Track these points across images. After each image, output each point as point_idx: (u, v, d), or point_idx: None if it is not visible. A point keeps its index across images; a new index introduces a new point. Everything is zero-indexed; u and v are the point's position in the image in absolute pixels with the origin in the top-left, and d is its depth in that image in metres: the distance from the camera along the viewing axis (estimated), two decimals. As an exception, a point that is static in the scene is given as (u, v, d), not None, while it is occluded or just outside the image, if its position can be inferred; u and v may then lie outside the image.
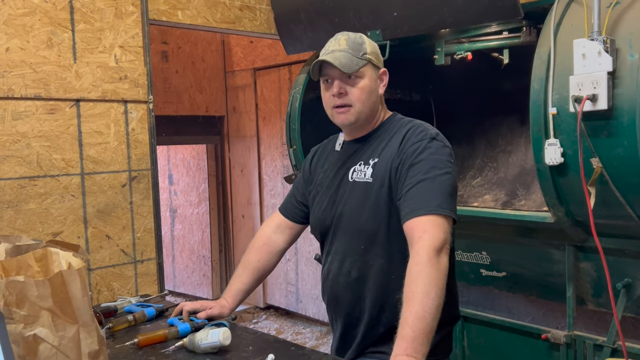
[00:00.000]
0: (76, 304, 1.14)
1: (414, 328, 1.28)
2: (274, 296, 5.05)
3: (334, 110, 1.59)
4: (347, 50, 1.55)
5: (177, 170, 5.74)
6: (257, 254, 1.85)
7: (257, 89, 5.03)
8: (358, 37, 1.59)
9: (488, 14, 2.25)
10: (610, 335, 2.13)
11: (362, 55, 1.56)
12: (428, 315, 1.29)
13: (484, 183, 2.98)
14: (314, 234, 1.75)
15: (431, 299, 1.30)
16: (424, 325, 1.28)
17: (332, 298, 1.66)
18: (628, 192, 1.85)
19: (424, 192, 1.43)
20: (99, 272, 2.69)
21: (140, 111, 2.81)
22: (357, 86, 1.55)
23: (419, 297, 1.31)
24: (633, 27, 1.80)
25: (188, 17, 3.01)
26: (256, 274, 1.84)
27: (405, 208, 1.44)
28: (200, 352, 1.55)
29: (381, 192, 1.53)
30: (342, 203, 1.61)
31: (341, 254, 1.61)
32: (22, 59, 2.44)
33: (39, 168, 2.50)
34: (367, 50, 1.57)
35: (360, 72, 1.55)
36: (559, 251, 2.27)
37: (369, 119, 1.62)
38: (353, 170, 1.61)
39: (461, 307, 2.69)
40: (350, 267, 1.59)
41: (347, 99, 1.56)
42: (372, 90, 1.58)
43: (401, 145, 1.53)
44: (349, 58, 1.54)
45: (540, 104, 1.99)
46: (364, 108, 1.57)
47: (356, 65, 1.54)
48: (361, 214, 1.56)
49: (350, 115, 1.57)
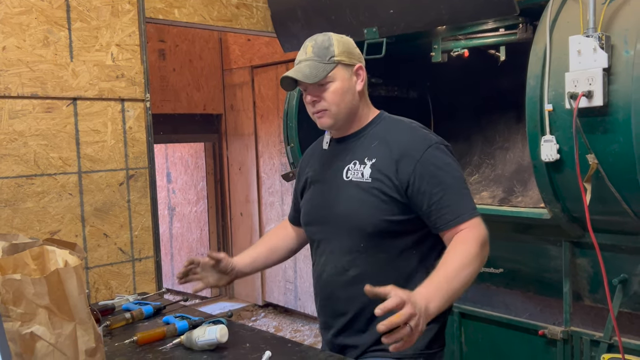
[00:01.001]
0: (73, 301, 1.15)
1: (441, 281, 1.36)
2: (273, 294, 5.06)
3: (315, 116, 1.63)
4: (313, 58, 1.56)
5: (175, 169, 5.74)
6: (274, 233, 1.94)
7: (255, 87, 5.03)
8: (325, 41, 1.58)
9: (484, 11, 2.25)
10: (607, 330, 2.13)
11: (330, 59, 1.55)
12: (457, 283, 1.37)
13: (481, 180, 2.98)
14: (306, 231, 1.75)
15: (466, 272, 1.39)
16: (450, 286, 1.36)
17: (326, 297, 1.66)
18: (624, 188, 1.85)
19: (456, 199, 1.50)
20: (97, 270, 2.70)
21: (137, 109, 2.81)
22: (329, 90, 1.56)
23: (454, 263, 1.39)
24: (628, 23, 1.81)
25: (184, 15, 3.01)
26: (269, 244, 1.90)
27: (443, 217, 1.49)
28: (198, 349, 1.55)
29: (382, 192, 1.53)
30: (339, 202, 1.61)
31: (337, 253, 1.61)
32: (19, 57, 2.44)
33: (36, 167, 2.50)
34: (335, 52, 1.56)
35: (330, 77, 1.55)
36: (555, 247, 2.27)
37: (350, 118, 1.62)
38: (347, 169, 1.61)
39: (459, 303, 2.70)
40: (348, 266, 1.59)
41: (321, 105, 1.58)
42: (345, 91, 1.58)
43: (405, 150, 1.54)
44: (314, 67, 1.54)
45: (536, 100, 1.99)
46: (339, 110, 1.58)
47: (323, 71, 1.54)
48: (360, 213, 1.56)
49: (328, 119, 1.59)
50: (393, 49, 2.60)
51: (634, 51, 1.77)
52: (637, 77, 1.75)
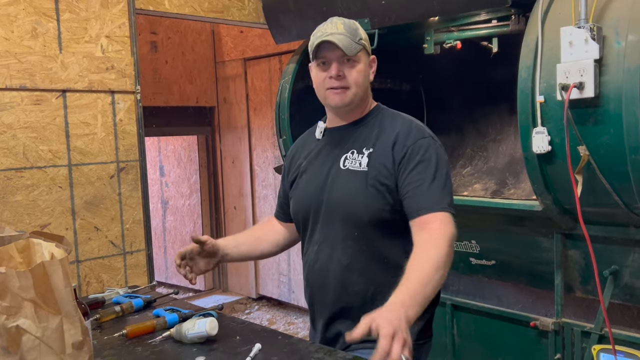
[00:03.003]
0: (59, 294, 1.13)
1: (417, 286, 1.33)
2: (267, 287, 5.06)
3: (329, 91, 1.60)
4: (346, 34, 1.57)
5: (168, 162, 5.72)
6: (260, 226, 1.98)
7: (248, 80, 5.00)
8: (352, 23, 1.62)
9: (476, 2, 2.24)
10: (598, 322, 2.14)
11: (359, 40, 1.59)
12: (429, 287, 1.35)
13: (473, 172, 2.98)
14: (296, 220, 1.74)
15: (438, 275, 1.37)
16: (425, 291, 1.34)
17: (318, 286, 1.66)
18: (614, 180, 1.85)
19: (435, 190, 1.50)
20: (88, 263, 2.68)
21: (128, 102, 2.78)
22: (355, 69, 1.59)
23: (427, 267, 1.37)
24: (620, 14, 1.80)
25: (175, 7, 2.98)
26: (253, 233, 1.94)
27: (418, 203, 1.49)
28: (188, 342, 1.55)
29: (378, 181, 1.54)
30: (334, 190, 1.61)
31: (330, 242, 1.61)
32: (7, 49, 2.42)
33: (25, 159, 2.48)
34: (362, 36, 1.61)
35: (358, 57, 1.59)
36: (547, 239, 2.28)
37: (361, 104, 1.65)
38: (345, 158, 1.61)
39: (451, 295, 2.71)
40: (341, 255, 1.59)
41: (345, 81, 1.58)
42: (366, 75, 1.62)
43: (399, 139, 1.56)
44: (348, 42, 1.56)
45: (527, 92, 1.99)
46: (359, 91, 1.60)
47: (354, 49, 1.57)
48: (356, 202, 1.56)
49: (346, 97, 1.60)
50: (385, 40, 2.58)
51: (626, 42, 1.76)
52: (628, 68, 1.75)
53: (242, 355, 1.44)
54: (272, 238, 1.88)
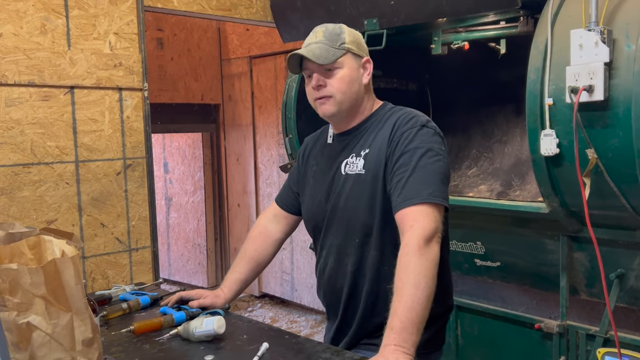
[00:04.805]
0: (69, 291, 1.14)
1: (403, 318, 1.27)
2: (269, 285, 5.07)
3: (317, 102, 1.58)
4: (323, 41, 1.54)
5: (172, 159, 5.72)
6: (254, 243, 1.84)
7: (253, 77, 5.00)
8: (337, 28, 1.57)
9: (485, 3, 2.24)
10: (603, 325, 2.14)
11: (340, 45, 1.54)
12: (417, 306, 1.29)
13: (479, 173, 2.98)
14: (307, 227, 1.74)
15: (421, 290, 1.30)
16: (413, 316, 1.28)
17: (329, 292, 1.66)
18: (622, 183, 1.85)
19: (415, 181, 1.42)
20: (94, 260, 2.69)
21: (135, 99, 2.79)
22: (336, 77, 1.53)
23: (408, 287, 1.30)
24: (630, 17, 1.80)
25: (183, 4, 2.98)
26: (253, 263, 1.83)
27: (397, 198, 1.43)
28: (195, 340, 1.55)
29: (374, 183, 1.52)
30: (337, 196, 1.60)
31: (337, 247, 1.61)
32: (16, 44, 2.42)
33: (33, 155, 2.49)
34: (346, 40, 1.55)
35: (339, 63, 1.53)
36: (553, 241, 2.27)
37: (353, 109, 1.59)
38: (345, 163, 1.60)
39: (455, 296, 2.69)
40: (347, 260, 1.59)
41: (326, 90, 1.54)
42: (353, 80, 1.56)
43: (391, 134, 1.52)
44: (324, 49, 1.52)
45: (536, 94, 1.98)
46: (344, 98, 1.55)
47: (332, 55, 1.52)
48: (356, 207, 1.55)
49: (331, 106, 1.55)
50: (393, 40, 2.58)
51: (636, 46, 1.76)
52: (638, 71, 1.74)
53: (249, 354, 1.44)
54: (268, 252, 1.84)
